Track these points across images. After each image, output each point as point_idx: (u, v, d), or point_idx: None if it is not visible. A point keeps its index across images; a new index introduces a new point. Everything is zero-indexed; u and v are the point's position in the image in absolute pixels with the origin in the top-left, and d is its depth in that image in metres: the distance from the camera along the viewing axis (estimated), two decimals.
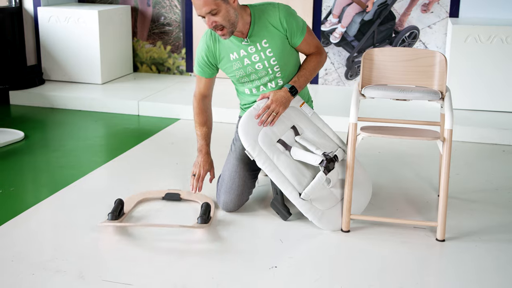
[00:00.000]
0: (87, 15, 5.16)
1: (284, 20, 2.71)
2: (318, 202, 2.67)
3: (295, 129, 2.76)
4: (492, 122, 4.23)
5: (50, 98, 4.89)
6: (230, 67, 2.78)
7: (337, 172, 2.74)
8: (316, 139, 2.76)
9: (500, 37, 4.38)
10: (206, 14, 2.55)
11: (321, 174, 2.64)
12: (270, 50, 2.72)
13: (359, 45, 5.20)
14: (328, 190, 2.71)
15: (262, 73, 2.76)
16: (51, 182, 3.33)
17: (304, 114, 2.82)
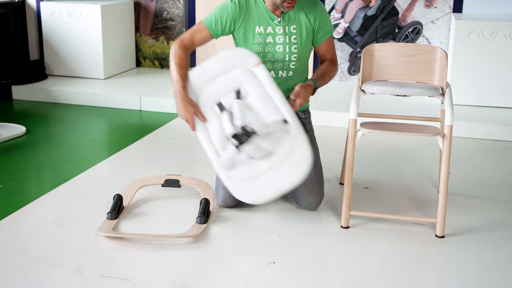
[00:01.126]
0: (89, 9, 5.16)
1: (318, 15, 2.75)
2: (237, 171, 2.53)
3: (238, 93, 2.62)
4: (495, 118, 4.21)
5: (53, 93, 4.90)
6: (251, 38, 2.73)
7: (266, 144, 2.54)
8: (259, 105, 2.57)
9: (503, 33, 4.36)
10: None
11: (232, 146, 2.51)
12: (296, 37, 2.74)
13: (362, 40, 5.19)
14: (251, 161, 2.53)
15: (279, 57, 2.75)
16: (52, 177, 3.34)
17: (255, 77, 2.62)
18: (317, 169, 2.81)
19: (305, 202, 2.83)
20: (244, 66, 2.62)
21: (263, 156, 2.53)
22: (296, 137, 2.51)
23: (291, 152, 2.52)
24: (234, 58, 2.65)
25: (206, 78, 2.65)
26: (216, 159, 2.55)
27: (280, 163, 2.50)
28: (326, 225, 2.74)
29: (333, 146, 3.71)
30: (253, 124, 2.51)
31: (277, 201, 2.96)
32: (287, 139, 2.53)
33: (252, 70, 2.62)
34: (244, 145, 2.51)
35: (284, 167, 2.50)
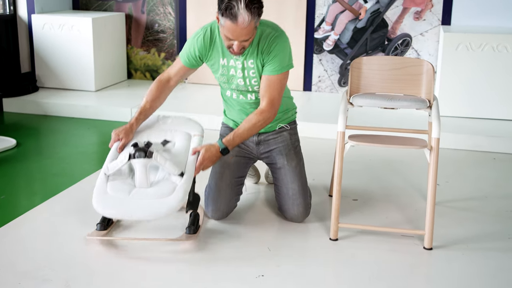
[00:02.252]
0: (81, 22, 5.17)
1: (267, 52, 2.65)
2: (111, 188, 2.52)
3: (165, 142, 2.76)
4: (483, 129, 4.24)
5: (44, 106, 4.90)
6: (217, 69, 2.77)
7: (153, 174, 2.61)
8: (174, 152, 2.68)
9: (491, 45, 4.40)
10: (241, 40, 2.52)
11: (126, 154, 2.58)
12: (254, 71, 2.71)
13: (352, 53, 5.22)
14: (128, 183, 2.56)
15: (243, 87, 2.77)
16: (42, 190, 3.34)
17: (189, 140, 2.78)
18: (301, 180, 2.83)
19: (290, 214, 2.85)
20: (189, 130, 2.83)
21: (141, 184, 2.54)
22: (179, 188, 2.51)
23: (166, 194, 2.49)
24: (188, 123, 2.89)
25: (157, 125, 2.85)
26: (105, 164, 2.62)
27: (150, 197, 2.48)
28: (315, 238, 2.75)
29: (323, 158, 3.72)
30: (159, 156, 2.56)
31: (267, 214, 2.98)
32: (171, 183, 2.53)
33: (192, 136, 2.80)
34: (137, 158, 2.55)
35: (150, 201, 2.47)
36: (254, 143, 2.89)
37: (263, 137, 2.88)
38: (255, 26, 2.53)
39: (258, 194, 3.23)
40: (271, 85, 2.68)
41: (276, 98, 2.69)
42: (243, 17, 2.44)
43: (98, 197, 2.50)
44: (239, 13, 2.43)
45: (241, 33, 2.50)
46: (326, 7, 5.19)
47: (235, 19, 2.45)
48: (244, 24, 2.46)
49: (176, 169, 2.53)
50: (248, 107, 2.83)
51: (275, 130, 2.89)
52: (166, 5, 5.59)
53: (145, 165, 2.54)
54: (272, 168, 2.91)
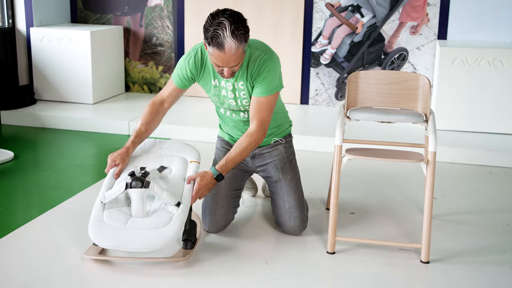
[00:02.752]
0: (79, 35, 5.20)
1: (256, 74, 2.65)
2: (107, 216, 2.52)
3: (162, 168, 2.76)
4: (480, 143, 4.27)
5: (41, 118, 4.91)
6: (209, 89, 2.79)
7: (149, 203, 2.62)
8: (171, 181, 2.68)
9: (487, 60, 4.44)
10: (231, 66, 2.53)
11: (123, 183, 2.58)
12: (245, 92, 2.72)
13: (349, 66, 5.26)
14: (124, 212, 2.57)
15: (235, 107, 2.79)
16: (40, 202, 3.34)
17: (186, 166, 2.78)
18: (297, 194, 2.84)
19: (286, 227, 2.86)
20: (185, 156, 2.84)
21: (138, 214, 2.54)
22: (175, 218, 2.51)
23: (163, 225, 2.48)
24: (185, 149, 2.89)
25: (153, 149, 2.87)
26: (101, 192, 2.61)
27: (147, 227, 2.48)
28: (312, 251, 2.75)
29: (319, 171, 3.74)
30: (156, 185, 2.56)
31: (264, 227, 2.98)
32: (168, 213, 2.53)
33: (188, 162, 2.81)
34: (134, 188, 2.55)
35: (146, 232, 2.47)
36: (249, 156, 2.91)
37: (257, 151, 2.90)
38: (243, 51, 2.52)
39: (256, 207, 3.24)
40: (261, 107, 2.68)
41: (266, 119, 2.69)
42: (229, 45, 2.44)
43: (94, 226, 2.49)
44: (225, 42, 2.43)
45: (229, 60, 2.50)
46: (323, 21, 5.23)
47: (222, 47, 2.44)
48: (231, 51, 2.46)
49: (173, 199, 2.54)
50: (242, 124, 2.85)
51: (270, 144, 2.90)
52: (164, 18, 5.62)
53: (142, 195, 2.54)
54: (268, 181, 2.92)
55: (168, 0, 5.57)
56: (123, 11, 5.71)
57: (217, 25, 2.43)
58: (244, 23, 2.49)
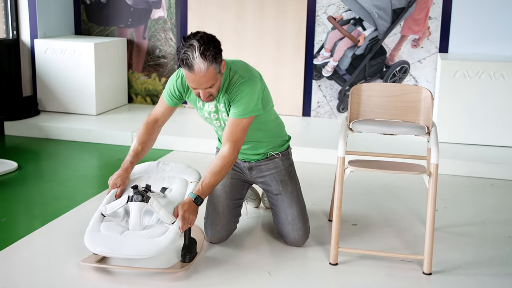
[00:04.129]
0: (83, 47, 5.24)
1: (238, 97, 2.64)
2: (104, 227, 2.56)
3: (164, 189, 2.78)
4: (481, 156, 4.28)
5: (45, 129, 4.94)
6: (197, 109, 2.84)
7: (147, 218, 2.64)
8: (171, 198, 2.70)
9: (488, 73, 4.47)
10: (205, 87, 2.54)
11: (126, 196, 2.62)
12: (226, 114, 2.74)
13: (351, 79, 5.29)
14: (121, 225, 2.60)
15: (221, 128, 2.83)
16: (43, 213, 3.36)
17: (186, 186, 2.80)
18: (299, 205, 2.86)
19: (289, 239, 2.87)
20: (186, 177, 2.85)
21: (135, 227, 2.56)
22: (171, 230, 2.52)
23: (158, 235, 2.50)
24: (186, 170, 2.89)
25: (156, 171, 2.88)
26: (102, 205, 2.65)
27: (141, 237, 2.50)
28: (315, 262, 2.76)
29: (322, 183, 3.75)
30: (155, 201, 2.58)
31: (267, 238, 2.99)
32: (164, 227, 2.55)
33: (189, 182, 2.82)
34: (134, 201, 2.58)
35: (141, 240, 2.49)
36: (246, 168, 2.93)
37: (254, 163, 2.92)
38: (215, 72, 2.52)
39: (259, 219, 3.25)
40: (234, 128, 2.66)
41: (239, 140, 2.68)
42: (198, 66, 2.45)
43: (90, 234, 2.52)
44: (195, 63, 2.45)
45: (200, 81, 2.51)
46: (325, 34, 5.26)
47: (192, 69, 2.47)
48: (201, 72, 2.47)
49: (170, 218, 2.56)
50: None
51: (266, 157, 2.92)
52: (167, 31, 5.66)
53: (140, 208, 2.57)
54: (269, 194, 2.93)
55: (172, 13, 5.61)
56: (127, 23, 5.75)
57: (188, 47, 2.46)
58: (215, 44, 2.51)
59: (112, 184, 2.74)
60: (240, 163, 2.94)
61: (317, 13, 5.25)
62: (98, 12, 5.81)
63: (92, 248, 2.49)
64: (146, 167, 2.92)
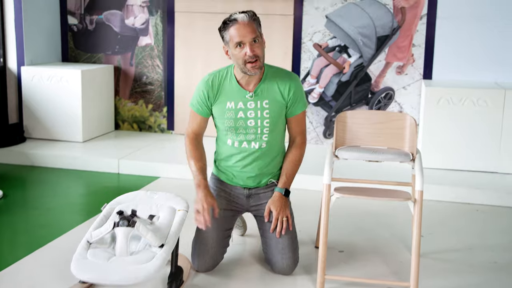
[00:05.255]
0: (70, 74, 5.25)
1: (292, 90, 2.82)
2: (91, 254, 2.52)
3: (151, 217, 2.77)
4: (466, 181, 4.32)
5: (31, 156, 4.92)
6: (223, 113, 2.83)
7: (134, 243, 2.63)
8: (158, 225, 2.69)
9: (471, 99, 4.53)
10: (249, 41, 2.68)
11: (111, 222, 2.60)
12: (268, 111, 2.80)
13: (337, 105, 5.33)
14: (108, 251, 2.57)
15: (251, 130, 2.82)
16: (28, 241, 3.33)
17: (173, 214, 2.78)
18: (290, 234, 2.86)
19: (278, 267, 2.87)
20: (174, 205, 2.84)
21: (121, 253, 2.54)
22: (158, 256, 2.50)
23: (145, 261, 2.48)
24: (174, 199, 2.87)
25: (144, 199, 2.86)
26: (89, 232, 2.63)
27: (128, 263, 2.48)
28: None
29: (308, 209, 3.76)
30: (141, 225, 2.57)
31: (253, 266, 2.99)
32: (151, 252, 2.54)
33: (176, 210, 2.81)
34: (120, 226, 2.56)
35: (128, 266, 2.47)
36: (244, 196, 2.93)
37: (253, 191, 2.92)
38: (258, 30, 2.72)
39: (245, 246, 3.25)
40: (299, 121, 2.90)
41: (305, 131, 2.96)
42: (242, 17, 2.69)
43: (77, 262, 2.50)
44: (237, 16, 2.70)
45: (246, 32, 2.68)
46: (311, 61, 5.32)
47: (235, 21, 2.69)
48: (245, 20, 2.68)
49: (157, 241, 2.55)
50: (248, 159, 2.86)
51: (266, 185, 2.93)
52: (154, 58, 5.70)
53: (126, 234, 2.56)
54: (261, 220, 2.93)
55: (159, 40, 5.65)
56: (114, 50, 5.78)
57: (233, 13, 2.74)
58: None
59: (207, 205, 2.72)
60: (238, 191, 2.93)
61: (303, 40, 5.31)
62: (85, 39, 5.83)
63: (79, 275, 2.47)
64: (134, 195, 2.92)
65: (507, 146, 4.51)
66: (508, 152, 4.52)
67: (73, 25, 5.83)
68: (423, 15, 5.04)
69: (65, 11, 5.81)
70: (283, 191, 2.84)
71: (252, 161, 2.86)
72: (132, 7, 5.67)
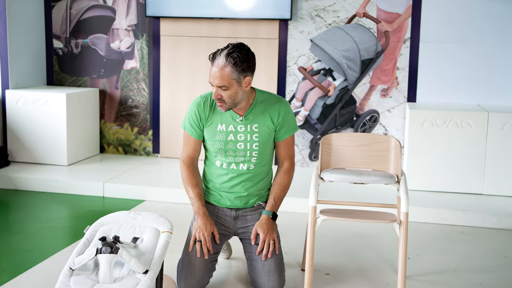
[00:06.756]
0: (55, 97, 5.23)
1: (282, 114, 2.85)
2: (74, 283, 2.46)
3: (135, 239, 2.70)
4: (451, 203, 4.34)
5: (14, 180, 4.87)
6: (213, 135, 2.85)
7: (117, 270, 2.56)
8: (142, 249, 2.65)
9: (455, 121, 4.57)
10: (216, 85, 2.68)
11: (94, 249, 2.54)
12: (257, 135, 2.83)
13: (322, 128, 5.36)
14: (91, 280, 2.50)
15: (240, 153, 2.85)
16: (11, 266, 3.29)
17: (157, 236, 2.73)
18: (277, 257, 2.84)
19: None
20: (158, 226, 2.78)
21: (105, 280, 2.49)
22: (142, 283, 2.44)
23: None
24: (158, 220, 2.78)
25: (126, 220, 2.79)
26: (71, 258, 2.57)
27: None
28: None
29: (294, 231, 3.75)
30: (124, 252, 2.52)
31: None
32: (135, 279, 2.49)
33: (161, 232, 2.75)
34: (103, 253, 2.51)
35: None
36: (231, 217, 2.92)
37: (240, 212, 2.92)
38: (232, 76, 2.67)
39: (230, 269, 3.23)
40: (288, 146, 2.92)
41: (293, 155, 2.96)
42: (218, 60, 2.67)
43: None
44: (218, 57, 2.68)
45: (215, 76, 2.67)
46: (296, 84, 5.36)
47: (213, 60, 2.70)
48: (218, 67, 2.66)
49: (141, 267, 2.52)
50: (236, 180, 2.88)
51: (253, 207, 2.93)
52: (139, 81, 5.70)
53: (110, 260, 2.52)
54: (248, 243, 2.91)
55: (144, 63, 5.67)
56: (99, 73, 5.78)
57: (225, 47, 2.70)
58: (247, 58, 2.71)
59: (207, 232, 2.76)
60: (225, 212, 2.93)
61: (288, 64, 5.35)
62: (70, 63, 5.83)
63: None
64: (117, 216, 2.89)
65: (490, 167, 4.55)
66: (492, 173, 4.56)
67: (59, 49, 5.83)
68: (407, 39, 5.10)
69: (50, 34, 5.82)
70: (270, 214, 2.85)
71: (240, 181, 2.87)
72: (117, 30, 5.68)
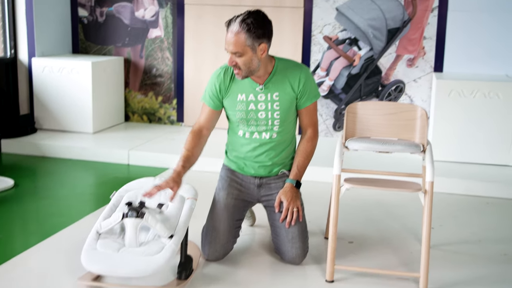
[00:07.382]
0: (80, 66, 5.27)
1: (302, 81, 2.82)
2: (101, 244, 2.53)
3: (160, 205, 2.76)
4: (476, 174, 4.30)
5: (41, 147, 4.95)
6: (234, 105, 2.84)
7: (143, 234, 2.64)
8: (167, 214, 2.69)
9: (482, 92, 4.51)
10: (230, 52, 2.68)
11: (120, 213, 2.60)
12: (278, 104, 2.81)
13: (347, 98, 5.32)
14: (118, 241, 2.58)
15: (262, 122, 2.84)
16: (39, 230, 3.35)
17: (183, 202, 2.79)
18: (300, 224, 2.86)
19: (288, 257, 2.87)
20: (183, 193, 2.84)
21: (131, 244, 2.54)
22: (167, 247, 2.51)
23: (154, 253, 2.49)
24: (183, 187, 2.82)
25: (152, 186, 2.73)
26: (98, 222, 2.63)
27: (138, 254, 2.48)
28: (311, 279, 2.76)
29: (318, 200, 3.76)
30: (150, 217, 2.56)
31: (262, 256, 2.99)
32: (160, 243, 2.54)
33: (186, 199, 2.82)
34: (129, 217, 2.55)
35: (137, 258, 2.46)
36: (255, 185, 2.93)
37: (264, 180, 2.93)
38: (246, 42, 2.66)
39: (254, 236, 3.25)
40: (311, 113, 2.91)
41: (317, 122, 2.95)
42: (233, 26, 2.66)
43: (86, 253, 2.50)
44: (233, 23, 2.67)
45: (229, 42, 2.67)
46: (321, 54, 5.31)
47: (228, 26, 2.68)
48: (232, 33, 2.65)
49: (166, 232, 2.55)
50: (259, 150, 2.87)
51: (277, 175, 2.93)
52: (164, 50, 5.70)
53: (135, 225, 2.56)
54: (272, 210, 2.93)
55: (168, 32, 5.66)
56: (124, 42, 5.79)
57: (241, 14, 2.69)
58: (262, 24, 2.69)
59: (165, 185, 2.65)
60: (249, 180, 2.94)
61: (313, 33, 5.30)
62: (95, 32, 5.85)
63: (89, 267, 2.48)
64: (142, 182, 2.93)
65: None
66: None
67: (84, 17, 5.85)
68: (434, 8, 5.01)
69: (75, 3, 5.83)
70: (294, 182, 2.85)
71: (264, 151, 2.87)
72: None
